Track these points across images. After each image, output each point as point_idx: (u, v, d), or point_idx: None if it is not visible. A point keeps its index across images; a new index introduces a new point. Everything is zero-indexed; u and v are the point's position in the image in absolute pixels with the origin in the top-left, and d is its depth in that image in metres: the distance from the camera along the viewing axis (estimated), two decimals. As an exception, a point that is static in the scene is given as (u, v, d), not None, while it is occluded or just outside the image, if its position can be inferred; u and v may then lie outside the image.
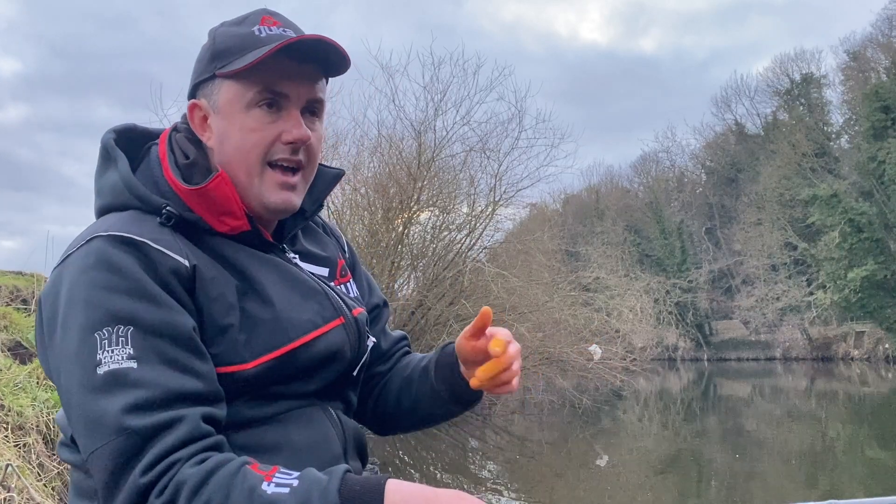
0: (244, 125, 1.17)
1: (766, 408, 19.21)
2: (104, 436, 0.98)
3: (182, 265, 1.09)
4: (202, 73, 1.21)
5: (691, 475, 9.81)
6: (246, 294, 1.15)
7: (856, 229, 35.05)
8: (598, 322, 15.82)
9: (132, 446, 0.97)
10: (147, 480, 0.96)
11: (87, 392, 1.00)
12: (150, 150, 1.25)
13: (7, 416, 4.20)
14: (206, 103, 1.20)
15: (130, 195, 1.16)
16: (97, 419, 0.99)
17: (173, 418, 0.99)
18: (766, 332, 43.92)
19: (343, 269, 1.41)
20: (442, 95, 13.71)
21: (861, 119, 38.28)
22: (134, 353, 1.02)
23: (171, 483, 0.96)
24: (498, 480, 9.38)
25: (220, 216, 1.17)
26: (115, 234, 1.08)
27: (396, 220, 13.27)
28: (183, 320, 1.07)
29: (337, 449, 1.22)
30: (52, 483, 4.10)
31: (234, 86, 1.17)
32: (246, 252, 1.19)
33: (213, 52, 1.19)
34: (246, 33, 1.18)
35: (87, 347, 1.02)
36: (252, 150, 1.17)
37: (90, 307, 1.04)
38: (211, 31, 1.23)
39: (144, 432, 0.97)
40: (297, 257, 1.30)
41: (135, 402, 0.98)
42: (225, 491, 0.96)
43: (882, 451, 11.42)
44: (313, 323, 1.20)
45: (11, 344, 5.80)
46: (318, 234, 1.42)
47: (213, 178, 1.15)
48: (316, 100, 1.22)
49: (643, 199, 51.22)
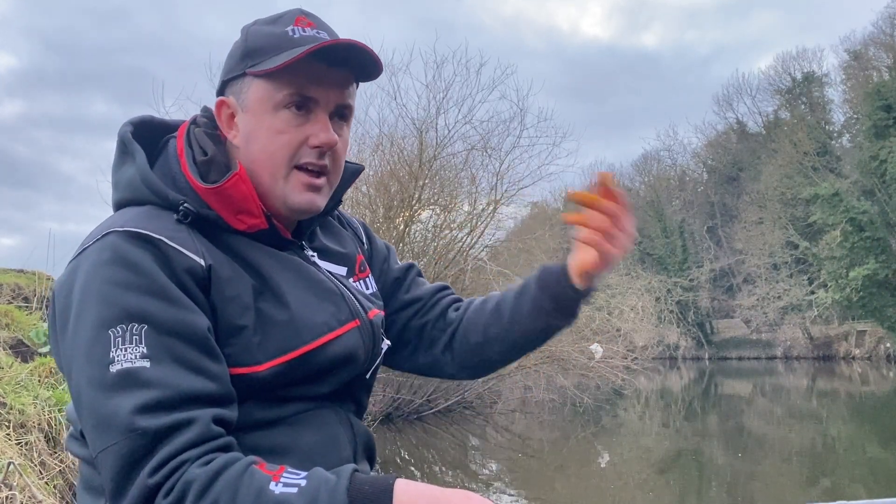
0: (272, 126, 1.16)
1: (768, 407, 19.21)
2: (114, 435, 0.97)
3: (197, 264, 1.09)
4: (232, 70, 1.19)
5: (692, 474, 9.81)
6: (262, 294, 1.14)
7: (857, 228, 35.01)
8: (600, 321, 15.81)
9: (142, 447, 0.97)
10: (155, 481, 0.96)
11: (98, 389, 1.00)
12: (167, 143, 1.24)
13: (9, 414, 4.20)
14: (235, 101, 1.19)
15: (148, 190, 1.15)
16: (107, 418, 0.98)
17: (184, 420, 0.99)
18: (767, 331, 43.92)
19: (362, 263, 1.40)
20: (444, 94, 13.71)
21: (862, 118, 38.24)
22: (147, 352, 1.01)
23: (178, 483, 0.96)
24: (499, 479, 9.38)
25: (237, 214, 1.16)
26: (132, 230, 1.08)
27: (398, 218, 13.27)
28: (198, 320, 1.06)
29: (347, 452, 1.21)
30: (54, 481, 4.11)
31: (264, 85, 1.16)
32: (263, 251, 1.19)
33: (245, 50, 1.18)
34: (280, 33, 1.16)
35: (100, 344, 1.01)
36: (278, 152, 1.16)
37: (105, 304, 1.03)
38: (244, 28, 1.22)
39: (155, 433, 0.97)
40: (316, 255, 1.29)
41: (146, 402, 0.98)
42: (232, 491, 0.95)
43: (883, 450, 11.42)
44: (328, 325, 1.19)
45: (13, 342, 5.80)
46: (335, 228, 1.41)
47: (230, 177, 1.14)
48: (345, 105, 1.21)
49: (645, 197, 51.21)
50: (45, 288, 7.45)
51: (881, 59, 40.39)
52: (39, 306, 7.19)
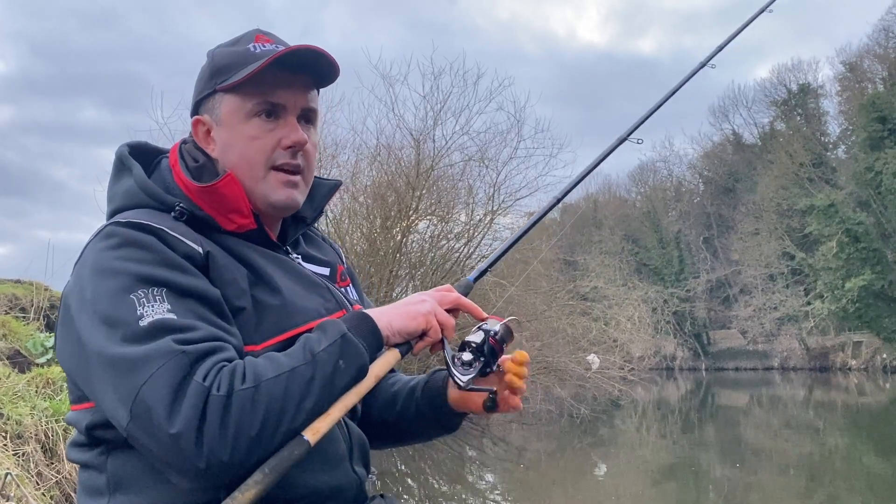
0: (246, 133, 1.26)
1: (764, 418, 19.19)
2: (158, 361, 1.02)
3: (196, 251, 1.15)
4: (203, 90, 1.30)
5: (689, 485, 9.79)
6: (255, 284, 1.21)
7: (853, 239, 35.09)
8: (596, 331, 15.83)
9: (188, 363, 1.03)
10: (208, 383, 1.02)
11: (131, 344, 1.04)
12: (160, 162, 1.32)
13: (6, 424, 4.20)
14: (209, 118, 1.29)
15: (145, 195, 1.23)
16: (146, 356, 1.03)
17: (218, 346, 1.07)
18: (763, 341, 43.90)
19: (343, 274, 1.48)
20: (442, 105, 13.75)
21: (858, 129, 38.38)
22: (172, 307, 1.07)
23: (221, 375, 1.03)
24: (496, 490, 9.36)
25: (228, 214, 1.24)
26: (133, 221, 1.15)
27: (395, 228, 13.27)
28: (211, 288, 1.14)
29: (342, 448, 1.25)
30: (50, 492, 4.10)
31: (234, 98, 1.26)
32: (253, 248, 1.26)
33: (213, 70, 1.28)
34: (242, 51, 1.27)
35: (125, 307, 1.06)
36: (255, 156, 1.26)
37: (122, 275, 1.09)
38: (209, 52, 1.32)
39: (196, 353, 1.04)
40: (300, 258, 1.38)
41: (183, 337, 1.05)
42: (263, 362, 1.08)
43: (880, 461, 11.42)
44: (318, 312, 1.26)
45: (10, 352, 5.80)
46: (318, 241, 1.50)
47: (223, 177, 1.24)
48: (309, 108, 1.31)
49: (641, 208, 51.28)
50: (42, 298, 7.45)
51: (876, 70, 40.60)
52: (37, 317, 7.18)
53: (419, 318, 1.23)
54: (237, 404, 1.01)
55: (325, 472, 1.20)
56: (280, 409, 1.04)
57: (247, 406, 1.02)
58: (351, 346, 1.13)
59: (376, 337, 1.18)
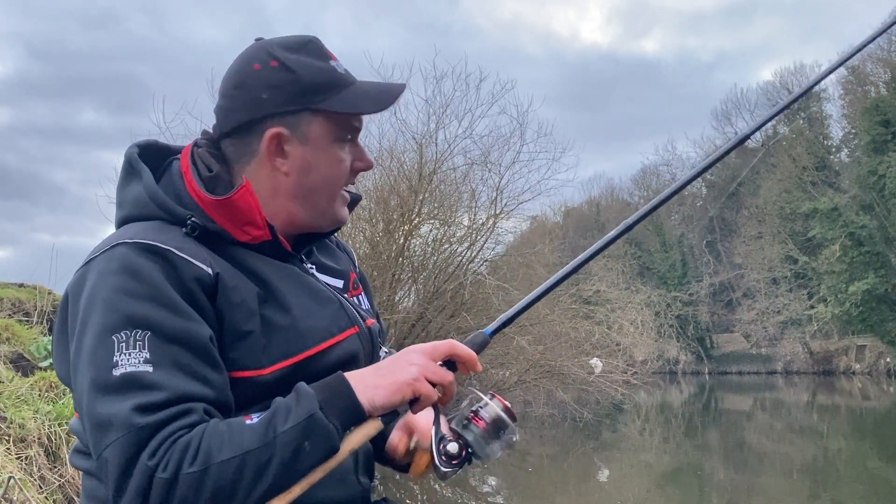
0: (335, 157, 1.27)
1: (768, 422, 19.14)
2: (116, 432, 1.01)
3: (205, 273, 1.13)
4: (287, 103, 1.23)
5: (693, 489, 9.76)
6: (266, 301, 1.19)
7: (856, 243, 35.06)
8: (599, 335, 15.79)
9: (142, 439, 1.01)
10: (154, 462, 1.00)
11: (101, 392, 1.03)
12: (171, 164, 1.28)
13: (9, 428, 4.20)
14: (290, 133, 1.24)
15: (155, 206, 1.20)
16: (110, 418, 1.02)
17: (182, 410, 1.04)
18: (767, 345, 43.81)
19: (355, 281, 1.46)
20: (444, 108, 13.75)
21: (861, 133, 38.36)
22: (150, 357, 1.05)
23: (172, 453, 1.00)
24: (499, 494, 9.34)
25: (242, 226, 1.21)
26: (141, 242, 1.12)
27: (397, 232, 13.28)
28: (200, 329, 1.10)
29: (349, 462, 1.22)
30: (53, 496, 4.10)
31: (327, 122, 1.25)
32: (266, 261, 1.23)
33: (303, 87, 1.23)
34: (328, 69, 1.26)
35: (103, 349, 1.05)
36: (340, 179, 1.29)
37: (109, 310, 1.07)
38: (280, 55, 1.24)
39: (154, 425, 1.01)
40: (314, 268, 1.35)
41: (147, 403, 1.02)
42: (219, 437, 1.02)
43: (884, 465, 11.38)
44: (329, 331, 1.24)
45: (13, 356, 5.81)
46: (331, 248, 1.47)
47: (238, 189, 1.19)
48: None
49: (644, 212, 51.19)
50: (45, 303, 7.46)
51: (879, 74, 40.56)
52: (40, 321, 7.19)
53: (405, 391, 1.13)
54: (182, 488, 0.99)
55: (332, 487, 1.18)
56: (228, 495, 1.01)
57: (190, 491, 0.99)
58: (319, 427, 1.06)
59: (354, 413, 1.11)
